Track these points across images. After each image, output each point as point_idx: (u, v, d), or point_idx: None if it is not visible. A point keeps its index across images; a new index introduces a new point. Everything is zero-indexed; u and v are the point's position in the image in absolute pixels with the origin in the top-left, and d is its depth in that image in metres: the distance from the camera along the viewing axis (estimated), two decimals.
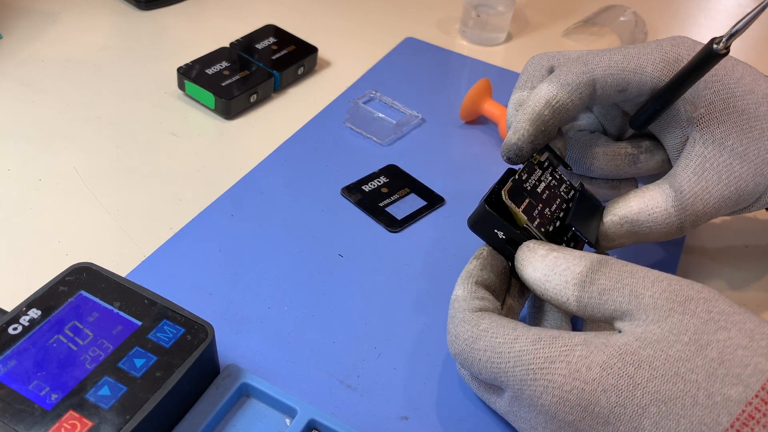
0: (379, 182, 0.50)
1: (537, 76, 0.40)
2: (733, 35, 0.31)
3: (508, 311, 0.36)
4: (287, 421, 0.34)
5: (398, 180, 0.51)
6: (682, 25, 0.77)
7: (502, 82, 0.62)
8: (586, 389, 0.28)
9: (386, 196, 0.49)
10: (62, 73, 0.59)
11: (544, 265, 0.32)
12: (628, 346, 0.28)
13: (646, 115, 0.38)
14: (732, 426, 0.25)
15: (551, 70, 0.40)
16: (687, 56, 0.37)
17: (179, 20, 0.67)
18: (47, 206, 0.46)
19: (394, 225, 0.47)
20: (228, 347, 0.38)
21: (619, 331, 0.29)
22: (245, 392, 0.35)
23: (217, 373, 0.35)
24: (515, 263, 0.34)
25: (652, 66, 0.37)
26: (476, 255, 0.35)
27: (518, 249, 0.34)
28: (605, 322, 0.31)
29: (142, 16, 0.67)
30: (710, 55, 0.33)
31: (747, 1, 0.82)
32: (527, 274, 0.33)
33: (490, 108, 0.55)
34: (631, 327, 0.29)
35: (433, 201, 0.49)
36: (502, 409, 0.33)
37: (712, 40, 0.33)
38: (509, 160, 0.37)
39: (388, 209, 0.48)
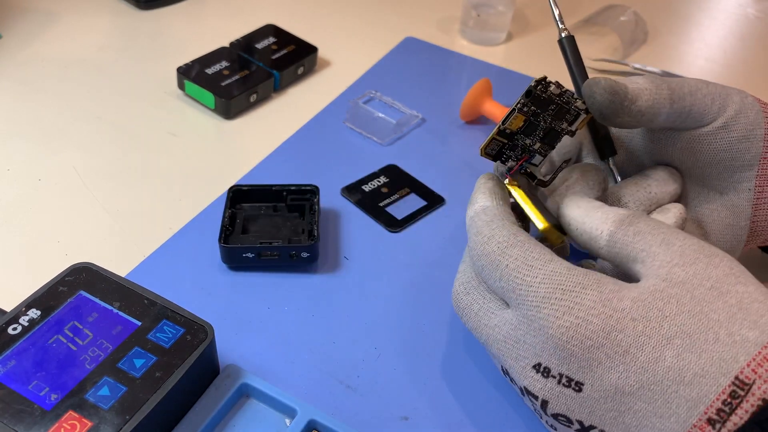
0: (379, 182, 0.50)
1: None
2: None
3: None
4: (287, 421, 0.34)
5: (398, 180, 0.51)
6: (683, 25, 0.77)
7: (503, 82, 0.62)
8: (614, 316, 0.28)
9: (386, 196, 0.49)
10: (62, 73, 0.59)
11: (589, 206, 0.34)
12: (656, 286, 0.29)
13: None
14: (748, 365, 0.26)
15: None
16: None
17: (179, 20, 0.67)
18: (47, 206, 0.46)
19: (394, 225, 0.47)
20: (228, 347, 0.38)
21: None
22: (245, 392, 0.35)
23: (217, 374, 0.35)
24: (560, 209, 0.35)
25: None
26: (486, 176, 0.36)
27: (563, 198, 0.36)
28: (623, 265, 0.32)
29: (142, 16, 0.67)
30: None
31: (747, 1, 0.82)
32: (570, 210, 0.34)
33: (490, 108, 0.55)
34: (655, 269, 0.30)
35: (433, 201, 0.49)
36: (500, 333, 0.32)
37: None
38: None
39: (388, 209, 0.48)
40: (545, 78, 0.34)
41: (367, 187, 0.50)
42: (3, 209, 0.46)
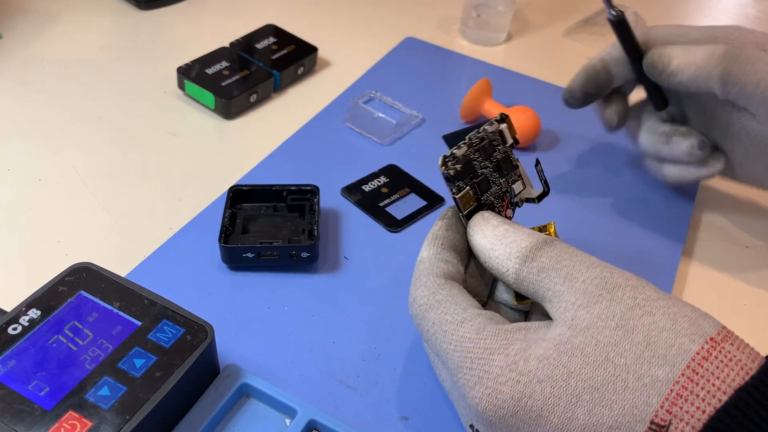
0: (379, 182, 0.50)
1: None
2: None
3: (469, 276, 0.36)
4: (287, 421, 0.34)
5: (398, 180, 0.51)
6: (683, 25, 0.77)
7: (503, 81, 0.62)
8: (522, 381, 0.28)
9: (386, 196, 0.49)
10: (62, 73, 0.59)
11: (494, 235, 0.33)
12: (561, 336, 0.28)
13: (648, 94, 0.47)
14: (662, 406, 0.26)
15: None
16: (734, 32, 0.42)
17: (179, 20, 0.67)
18: (47, 206, 0.46)
19: (394, 225, 0.47)
20: (228, 347, 0.38)
21: (551, 320, 0.30)
22: (245, 392, 0.35)
23: (217, 374, 0.35)
24: (467, 229, 0.35)
25: (697, 32, 0.43)
26: (441, 216, 0.36)
27: (473, 217, 0.35)
28: (537, 301, 0.32)
29: (142, 15, 0.67)
30: (613, 23, 0.43)
31: (747, 1, 0.82)
32: (476, 240, 0.34)
33: (490, 108, 0.55)
34: (561, 311, 0.29)
35: (433, 201, 0.49)
36: (445, 386, 0.33)
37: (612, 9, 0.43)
38: (566, 102, 0.48)
39: (388, 209, 0.48)
40: (447, 155, 0.34)
41: (367, 187, 0.50)
42: (3, 209, 0.46)
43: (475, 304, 0.32)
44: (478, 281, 0.36)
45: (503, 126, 0.36)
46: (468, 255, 0.36)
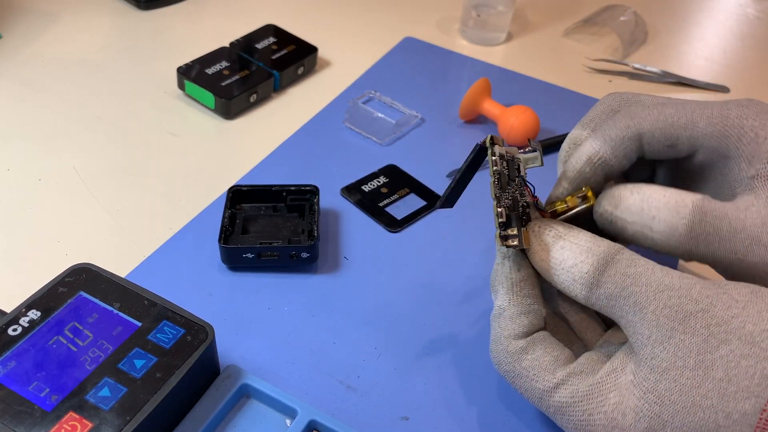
0: (379, 182, 0.50)
1: (602, 118, 0.38)
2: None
3: (549, 313, 0.35)
4: (287, 421, 0.34)
5: (398, 180, 0.51)
6: (683, 25, 0.77)
7: (502, 81, 0.62)
8: None
9: (386, 196, 0.49)
10: (62, 73, 0.59)
11: (551, 258, 0.32)
12: (647, 382, 0.29)
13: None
14: None
15: None
16: (755, 123, 0.33)
17: (179, 20, 0.67)
18: (47, 206, 0.46)
19: (394, 225, 0.47)
20: (228, 348, 0.38)
21: (630, 347, 0.30)
22: (245, 393, 0.35)
23: (218, 374, 0.35)
24: (530, 255, 0.34)
25: (707, 122, 0.34)
26: (504, 254, 0.34)
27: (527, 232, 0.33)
28: (615, 321, 0.31)
29: (142, 16, 0.67)
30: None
31: (747, 1, 0.82)
32: (536, 263, 0.33)
33: (489, 107, 0.55)
34: (640, 346, 0.30)
35: (432, 201, 0.49)
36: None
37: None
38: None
39: (387, 209, 0.48)
40: (502, 233, 0.33)
41: (366, 187, 0.50)
42: (3, 209, 0.46)
43: (563, 359, 0.32)
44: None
45: (498, 148, 0.34)
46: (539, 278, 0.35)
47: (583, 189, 0.35)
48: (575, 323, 0.36)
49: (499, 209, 0.33)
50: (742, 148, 0.33)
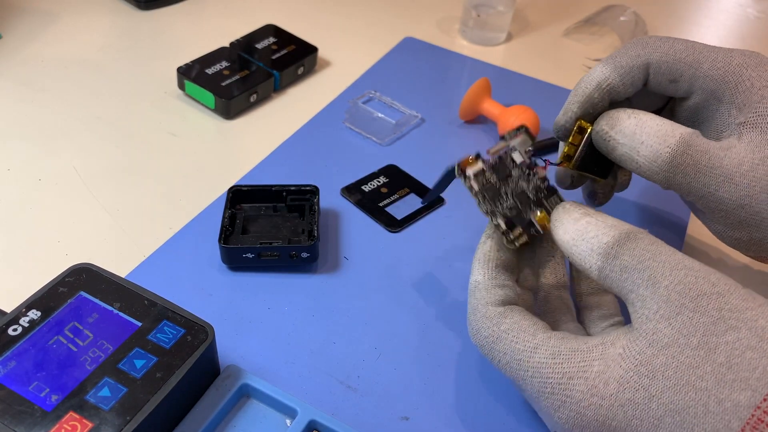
0: (379, 182, 0.50)
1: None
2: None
3: (524, 293, 0.36)
4: (288, 421, 0.34)
5: (398, 180, 0.51)
6: (682, 25, 0.77)
7: (502, 81, 0.62)
8: (604, 405, 0.28)
9: (386, 196, 0.49)
10: (62, 72, 0.59)
11: (575, 229, 0.32)
12: (642, 355, 0.28)
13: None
14: (742, 430, 0.26)
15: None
16: (753, 73, 0.35)
17: (179, 20, 0.67)
18: (47, 206, 0.46)
19: (394, 225, 0.47)
20: (228, 348, 0.38)
21: (629, 326, 0.30)
22: (245, 393, 0.35)
23: (218, 374, 0.35)
24: (550, 222, 0.34)
25: (710, 64, 0.36)
26: (489, 234, 0.35)
27: (554, 209, 0.34)
28: (621, 298, 0.31)
29: (142, 16, 0.67)
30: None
31: (747, 1, 0.82)
32: (558, 235, 0.33)
33: (489, 107, 0.55)
34: (643, 321, 0.29)
35: (432, 201, 0.49)
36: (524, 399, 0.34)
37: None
38: (557, 137, 0.39)
39: (387, 209, 0.48)
40: (508, 237, 0.35)
41: (366, 187, 0.50)
42: (3, 209, 0.46)
43: (543, 325, 0.32)
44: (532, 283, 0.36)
45: (479, 165, 0.37)
46: (518, 266, 0.36)
47: (578, 123, 0.37)
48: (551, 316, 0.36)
49: (496, 222, 0.34)
50: (737, 96, 0.35)
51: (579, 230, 0.32)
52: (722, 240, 0.37)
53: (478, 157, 0.36)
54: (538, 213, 0.36)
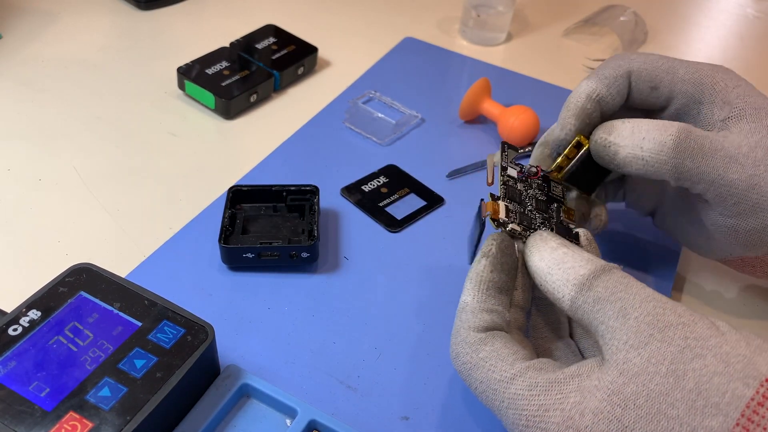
0: (379, 182, 0.50)
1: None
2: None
3: (516, 312, 0.36)
4: (288, 421, 0.34)
5: (398, 180, 0.51)
6: (682, 25, 0.77)
7: (502, 81, 0.62)
8: None
9: (386, 196, 0.49)
10: (62, 73, 0.59)
11: (552, 258, 0.33)
12: (613, 385, 0.28)
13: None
14: None
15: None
16: (724, 76, 0.38)
17: (179, 20, 0.67)
18: (47, 206, 0.46)
19: (394, 225, 0.47)
20: (228, 348, 0.38)
21: (602, 357, 0.30)
22: (245, 393, 0.35)
23: (218, 374, 0.35)
24: (524, 248, 0.34)
25: (685, 70, 0.38)
26: (485, 252, 0.35)
27: (530, 236, 0.34)
28: (589, 333, 0.31)
29: (142, 16, 0.67)
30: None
31: (747, 1, 0.82)
32: (533, 262, 0.33)
33: (489, 107, 0.55)
34: (613, 351, 0.29)
35: (433, 201, 0.49)
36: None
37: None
38: (553, 151, 0.41)
39: (387, 209, 0.48)
40: (509, 230, 0.36)
41: (366, 187, 0.50)
42: (3, 209, 0.46)
43: (522, 355, 0.32)
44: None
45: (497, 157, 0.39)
46: (513, 287, 0.36)
47: (576, 138, 0.38)
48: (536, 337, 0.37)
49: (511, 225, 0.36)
50: (715, 95, 0.37)
51: (556, 259, 0.32)
52: (733, 241, 0.38)
53: (493, 197, 0.37)
54: (561, 209, 0.38)
